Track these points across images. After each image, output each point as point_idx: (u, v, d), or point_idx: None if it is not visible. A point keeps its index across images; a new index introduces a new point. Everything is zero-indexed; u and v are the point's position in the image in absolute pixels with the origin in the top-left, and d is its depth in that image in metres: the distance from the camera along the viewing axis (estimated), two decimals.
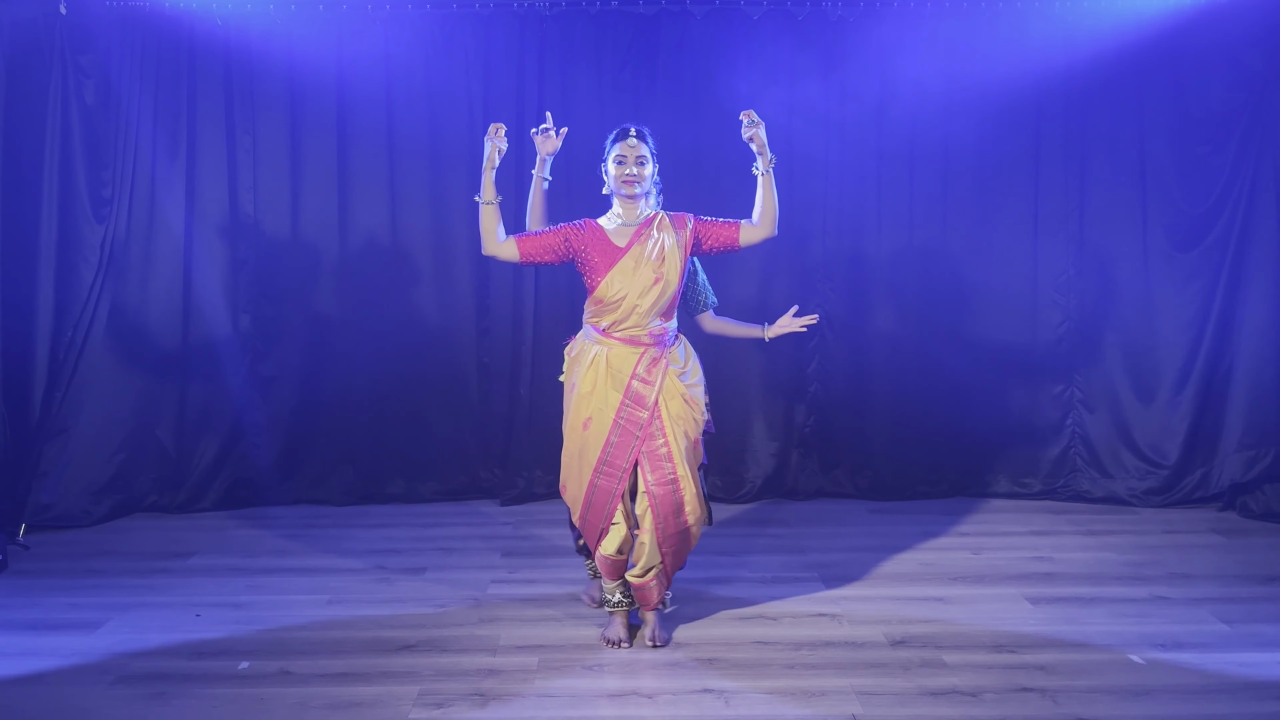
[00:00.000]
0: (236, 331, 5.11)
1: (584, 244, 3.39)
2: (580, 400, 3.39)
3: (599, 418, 3.36)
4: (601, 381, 3.36)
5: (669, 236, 3.40)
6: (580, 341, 3.48)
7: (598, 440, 3.35)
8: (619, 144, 3.39)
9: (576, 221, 3.44)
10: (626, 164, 3.37)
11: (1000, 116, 5.14)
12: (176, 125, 5.01)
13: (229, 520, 4.94)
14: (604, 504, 3.36)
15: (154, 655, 3.35)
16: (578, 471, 3.41)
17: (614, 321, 3.38)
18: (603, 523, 3.38)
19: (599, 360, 3.38)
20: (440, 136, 5.16)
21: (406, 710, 2.96)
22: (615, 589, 3.46)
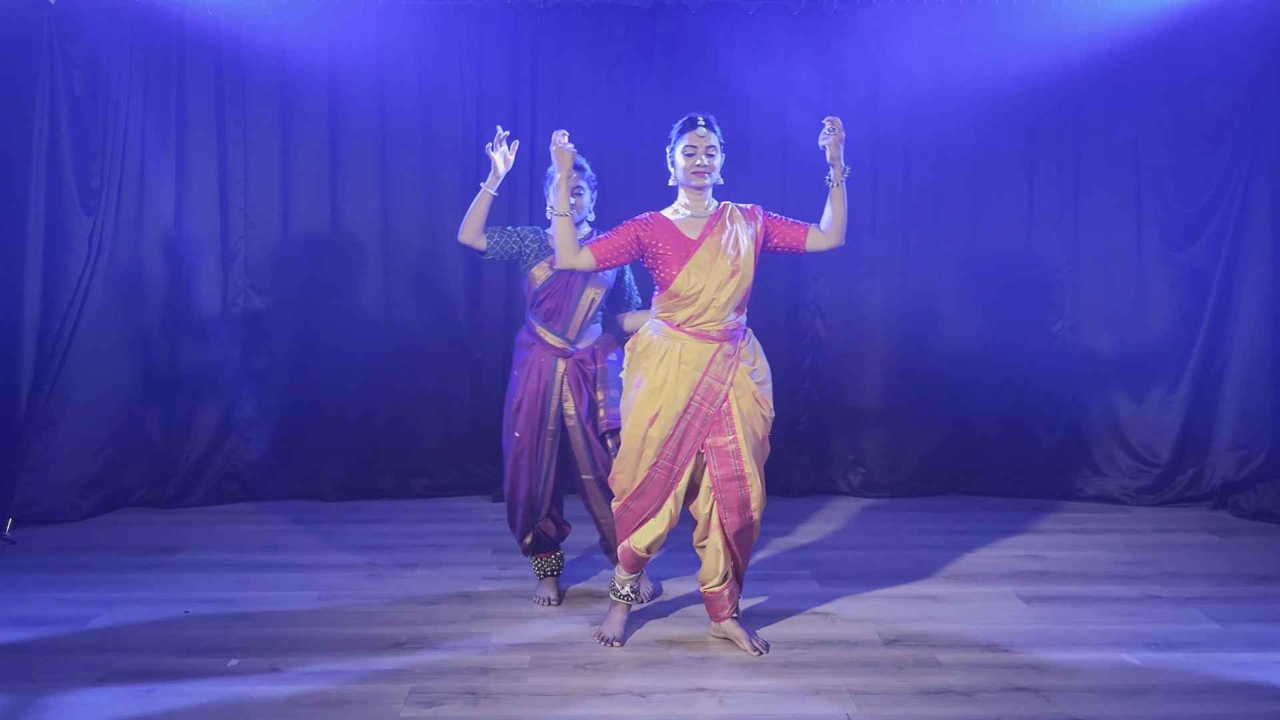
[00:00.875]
0: (226, 325, 5.07)
1: (654, 238, 3.29)
2: (648, 395, 3.27)
3: (666, 412, 3.25)
4: (673, 377, 3.25)
5: (742, 228, 3.32)
6: (648, 337, 3.35)
7: (662, 434, 3.25)
8: (688, 134, 3.29)
9: (640, 217, 3.34)
10: (696, 154, 3.28)
11: (995, 113, 5.13)
12: (166, 116, 4.96)
13: (218, 515, 4.90)
14: (655, 494, 3.28)
15: (141, 652, 3.31)
16: (634, 465, 3.30)
17: (690, 316, 3.27)
18: (646, 514, 3.30)
19: (671, 356, 3.27)
20: (433, 130, 5.13)
21: (398, 709, 2.94)
22: (628, 581, 3.40)
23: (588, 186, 3.59)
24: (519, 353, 3.69)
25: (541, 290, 3.61)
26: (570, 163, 3.30)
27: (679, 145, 3.31)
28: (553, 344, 3.62)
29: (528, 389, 3.61)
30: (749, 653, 3.31)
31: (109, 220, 4.88)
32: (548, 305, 3.61)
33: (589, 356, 3.65)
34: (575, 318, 3.61)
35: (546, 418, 3.61)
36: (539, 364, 3.62)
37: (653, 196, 5.15)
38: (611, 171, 5.19)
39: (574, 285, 3.59)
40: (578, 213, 3.52)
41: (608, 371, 3.65)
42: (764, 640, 3.36)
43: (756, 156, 5.15)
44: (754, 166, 5.16)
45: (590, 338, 3.67)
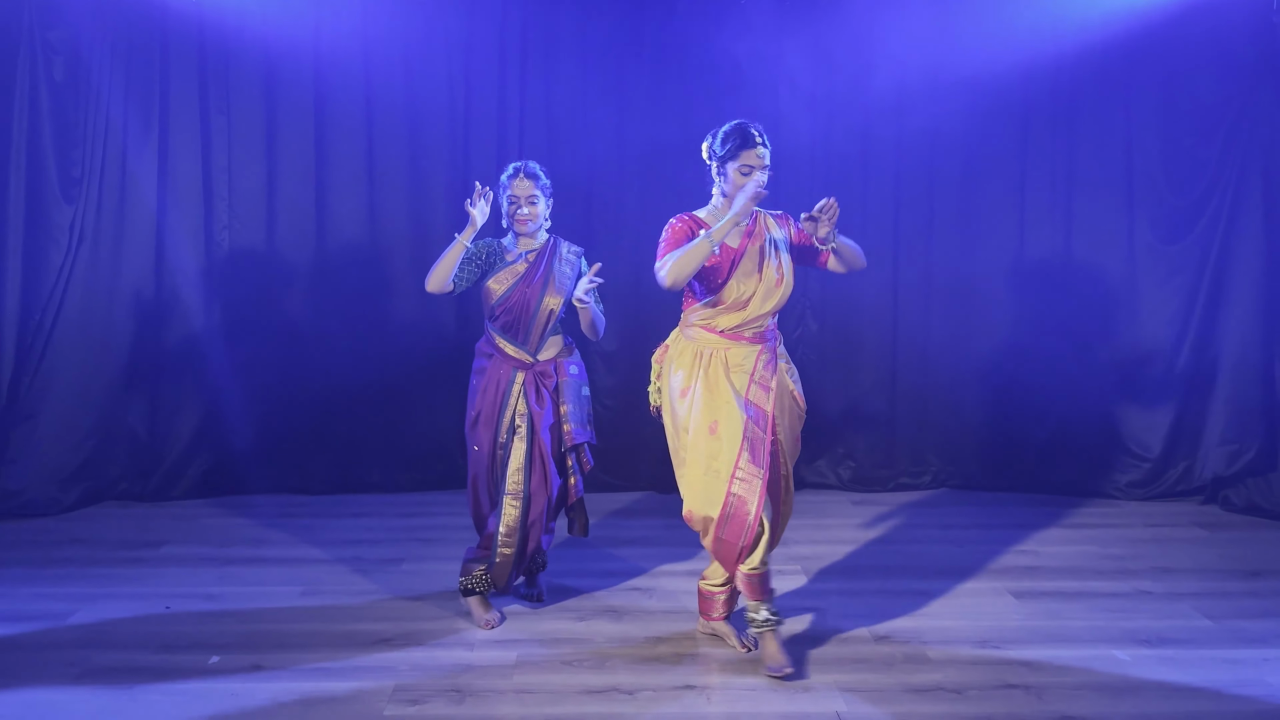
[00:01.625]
0: (211, 315, 5.01)
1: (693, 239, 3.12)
2: (704, 404, 3.12)
3: (728, 420, 3.09)
4: (723, 381, 3.12)
5: (778, 236, 3.23)
6: (683, 345, 3.23)
7: (731, 444, 3.07)
8: (747, 152, 3.09)
9: (680, 222, 3.18)
10: (754, 173, 3.11)
11: (987, 103, 5.10)
12: (149, 104, 4.89)
13: (202, 509, 4.85)
14: (742, 519, 3.05)
15: (122, 648, 3.26)
16: (705, 486, 3.09)
17: (737, 324, 3.16)
18: (742, 539, 3.06)
19: (716, 360, 3.15)
20: (420, 119, 5.07)
21: (381, 707, 2.90)
22: (761, 607, 3.14)
23: (543, 195, 3.49)
24: (478, 361, 3.57)
25: (499, 305, 3.48)
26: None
27: (735, 161, 3.11)
28: (513, 355, 3.50)
29: (485, 400, 3.49)
30: (738, 649, 3.27)
31: (90, 209, 4.82)
32: (505, 319, 3.49)
33: (550, 369, 3.52)
34: (535, 329, 3.49)
35: (500, 429, 3.47)
36: (498, 376, 3.49)
37: (643, 185, 5.14)
38: (601, 159, 5.15)
39: (531, 297, 3.46)
40: (533, 223, 3.46)
41: (569, 385, 3.54)
42: (753, 637, 3.33)
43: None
44: None
45: (551, 349, 3.54)
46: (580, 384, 3.59)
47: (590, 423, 3.60)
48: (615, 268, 5.17)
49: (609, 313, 5.14)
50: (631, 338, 5.20)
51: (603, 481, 5.21)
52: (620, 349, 5.22)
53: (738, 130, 3.13)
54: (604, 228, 5.18)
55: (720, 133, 3.17)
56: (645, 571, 4.03)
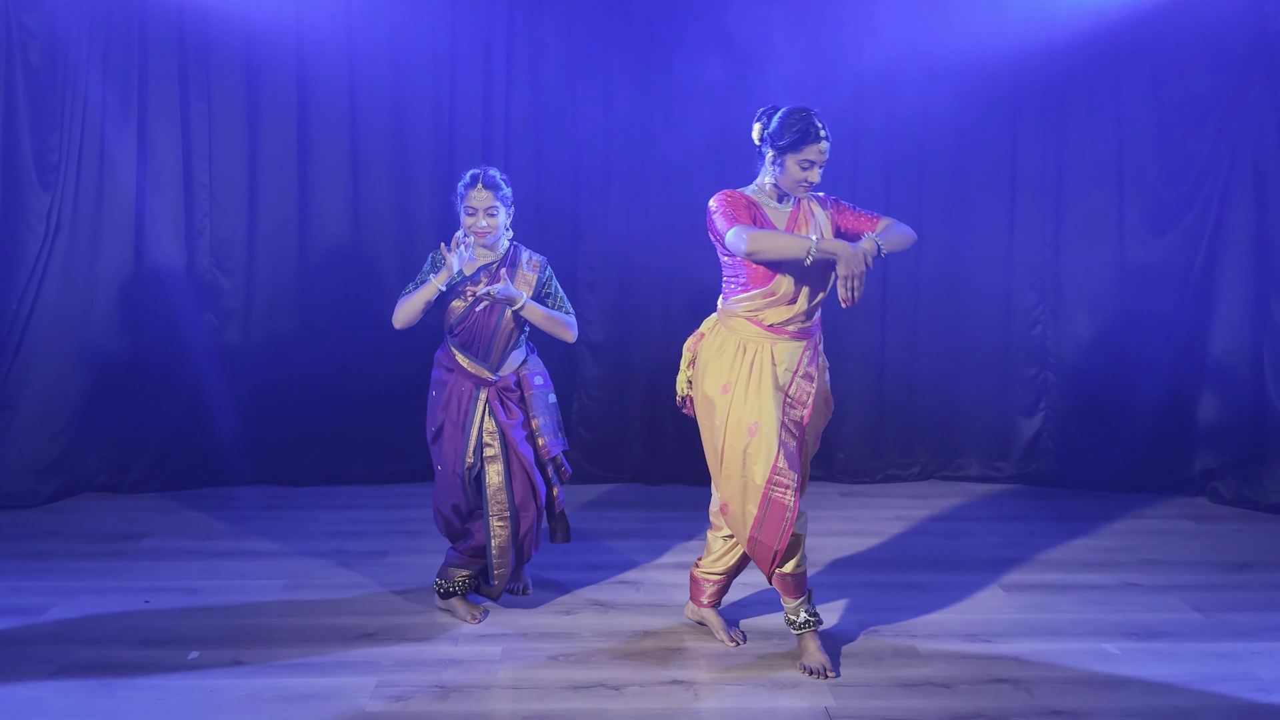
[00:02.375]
0: (192, 305, 4.94)
1: (749, 214, 2.99)
2: (745, 402, 2.98)
3: (766, 422, 2.97)
4: (768, 380, 2.99)
5: (822, 220, 3.08)
6: (724, 336, 3.07)
7: (769, 447, 2.96)
8: (810, 146, 2.94)
9: (730, 198, 3.01)
10: (812, 169, 2.98)
11: (978, 92, 5.07)
12: (128, 90, 4.81)
13: (183, 501, 4.78)
14: (779, 520, 2.96)
15: (99, 643, 3.20)
16: (741, 488, 3.00)
17: (786, 319, 3.01)
18: (777, 543, 2.97)
19: (762, 357, 3.01)
20: (405, 108, 5.00)
21: (364, 703, 2.85)
22: (800, 607, 3.08)
23: (503, 206, 3.34)
24: (437, 372, 3.42)
25: (457, 324, 3.35)
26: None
27: (796, 155, 2.95)
28: (473, 372, 3.36)
29: (448, 416, 3.35)
30: (725, 643, 3.24)
31: (68, 196, 4.73)
32: (464, 336, 3.36)
33: (511, 383, 3.39)
34: (495, 347, 3.35)
35: (466, 450, 3.33)
36: (459, 392, 3.35)
37: (631, 175, 5.09)
38: (587, 150, 5.10)
39: (492, 315, 3.32)
40: (492, 234, 3.32)
41: (536, 398, 3.41)
42: (742, 631, 3.29)
43: (738, 133, 5.05)
44: (734, 144, 5.06)
45: (514, 363, 3.40)
46: (547, 393, 3.47)
47: (562, 430, 3.50)
48: (603, 259, 5.14)
49: (598, 304, 5.14)
50: (617, 330, 5.16)
51: (589, 473, 5.17)
52: (607, 341, 5.17)
53: (802, 120, 2.94)
54: (590, 219, 5.12)
55: (780, 118, 2.98)
56: (632, 564, 3.99)
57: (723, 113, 5.01)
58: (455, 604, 3.44)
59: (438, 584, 3.47)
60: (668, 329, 5.15)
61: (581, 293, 5.15)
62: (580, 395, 5.20)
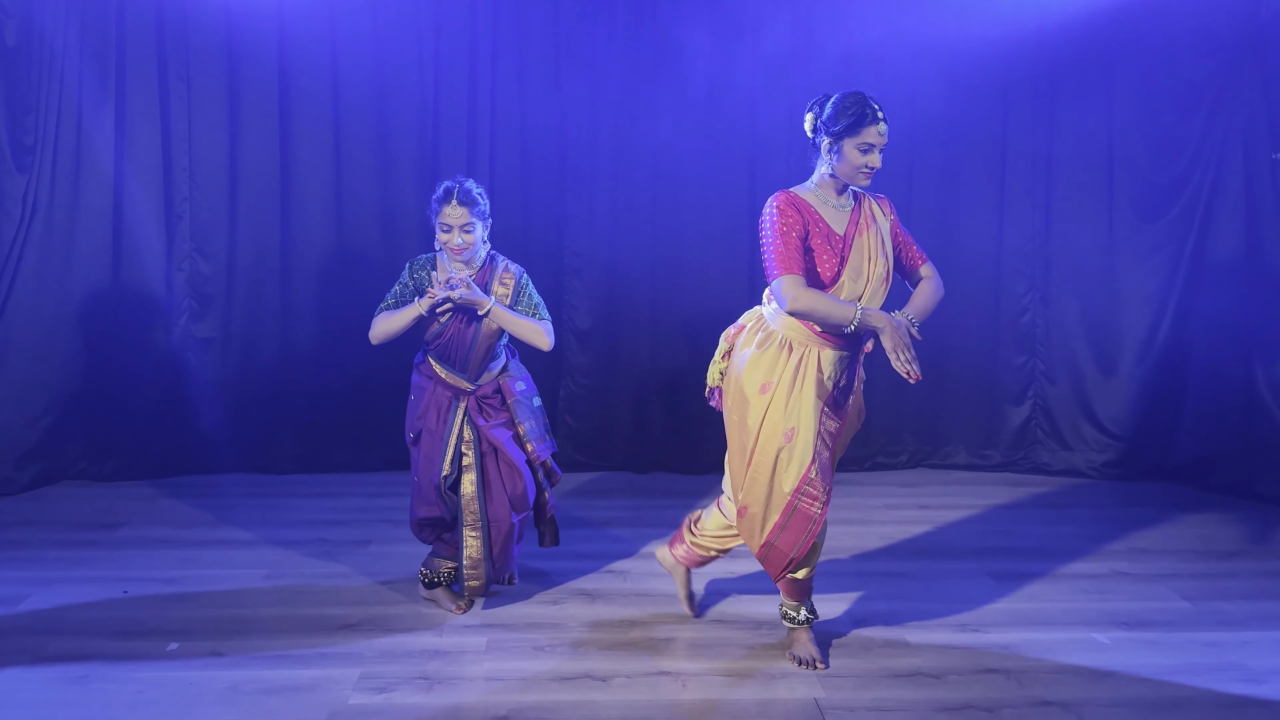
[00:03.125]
0: (172, 290, 4.87)
1: (804, 226, 2.82)
2: (784, 407, 2.86)
3: (805, 429, 2.85)
4: (810, 386, 2.86)
5: (882, 225, 2.96)
6: (766, 332, 2.94)
7: (803, 455, 2.84)
8: (869, 128, 2.80)
9: (781, 209, 2.81)
10: (872, 152, 2.82)
11: (968, 77, 5.04)
12: (105, 70, 4.72)
13: (163, 489, 4.72)
14: (802, 530, 2.87)
15: (76, 634, 3.14)
16: (766, 494, 2.89)
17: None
18: (795, 551, 2.90)
19: (808, 361, 2.88)
20: (388, 88, 4.93)
21: (346, 695, 2.80)
22: (799, 606, 3.05)
23: (479, 221, 3.22)
24: (416, 377, 3.35)
25: (432, 339, 3.27)
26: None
27: (854, 137, 2.80)
28: (451, 383, 3.29)
29: (426, 424, 3.29)
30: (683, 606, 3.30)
31: (44, 179, 4.65)
32: (440, 350, 3.28)
33: (490, 391, 3.32)
34: (473, 360, 3.27)
35: (443, 462, 3.25)
36: (438, 402, 3.28)
37: (618, 160, 5.03)
38: (574, 139, 5.04)
39: (468, 329, 3.24)
40: (468, 251, 3.21)
41: (521, 405, 3.35)
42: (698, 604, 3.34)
43: (725, 115, 5.01)
44: (722, 128, 5.02)
45: (493, 372, 3.33)
46: (531, 397, 3.40)
47: (550, 434, 3.45)
48: (590, 245, 5.08)
49: (584, 290, 5.08)
50: (604, 316, 5.12)
51: (576, 461, 5.12)
52: (594, 327, 5.12)
53: (857, 103, 2.80)
54: (577, 204, 5.07)
55: (834, 104, 2.84)
56: (620, 554, 3.95)
57: (711, 96, 4.96)
58: (439, 594, 3.39)
59: (422, 574, 3.42)
60: (655, 315, 5.11)
61: (568, 279, 5.10)
62: (567, 382, 5.15)
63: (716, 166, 5.05)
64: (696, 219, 5.06)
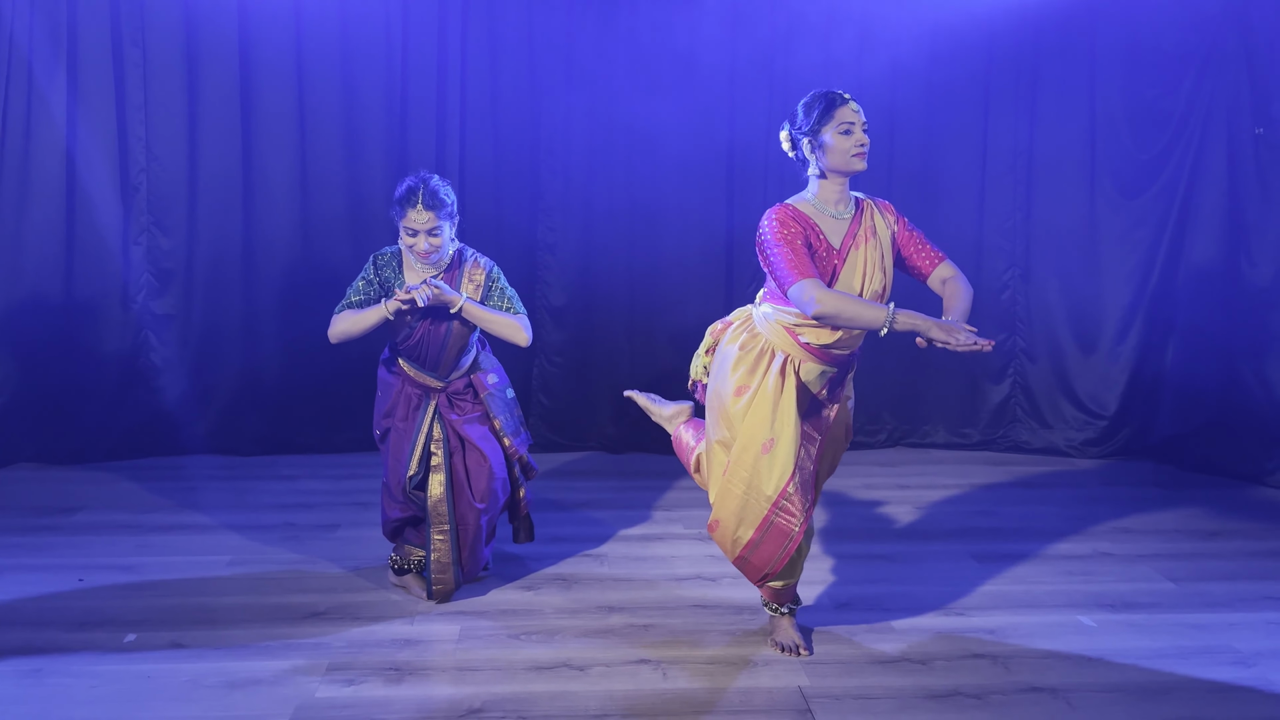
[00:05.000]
0: (129, 265, 4.71)
1: (805, 236, 2.69)
2: (766, 416, 2.74)
3: (784, 441, 2.73)
4: (790, 396, 2.74)
5: (883, 235, 2.81)
6: (751, 333, 2.83)
7: (782, 468, 2.73)
8: (840, 109, 2.68)
9: (777, 216, 2.69)
10: (854, 130, 2.69)
11: (950, 55, 4.96)
12: (57, 35, 4.52)
13: (122, 472, 4.56)
14: (778, 545, 2.77)
15: (28, 625, 3.00)
16: (740, 507, 2.78)
17: (828, 343, 2.75)
18: (770, 566, 2.80)
19: (789, 369, 2.76)
20: (355, 56, 4.77)
21: (313, 688, 2.69)
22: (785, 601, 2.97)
23: (447, 223, 3.06)
24: (383, 373, 3.24)
25: (402, 340, 3.15)
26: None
27: (829, 125, 2.68)
28: (421, 381, 3.19)
29: (393, 423, 3.19)
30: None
31: None
32: (409, 351, 3.16)
33: (462, 387, 3.21)
34: (445, 359, 3.16)
35: (408, 461, 3.15)
36: (407, 399, 3.18)
37: (591, 138, 4.89)
38: (548, 124, 4.91)
39: (439, 329, 3.12)
40: (435, 254, 3.06)
41: (494, 399, 3.24)
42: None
43: (703, 94, 4.89)
44: (700, 107, 4.90)
45: (463, 367, 3.22)
46: (504, 389, 3.28)
47: (524, 426, 3.35)
48: (564, 218, 4.95)
49: (558, 266, 4.95)
50: (580, 293, 5.01)
51: (550, 441, 5.02)
52: (569, 304, 5.00)
53: (821, 94, 2.72)
54: (552, 181, 4.94)
55: (800, 106, 2.75)
56: (597, 536, 3.85)
57: (689, 75, 4.85)
58: (409, 581, 3.28)
59: (392, 560, 3.31)
60: (631, 290, 5.01)
61: (541, 255, 4.97)
62: (540, 361, 5.03)
63: (694, 143, 4.94)
64: (674, 194, 4.95)
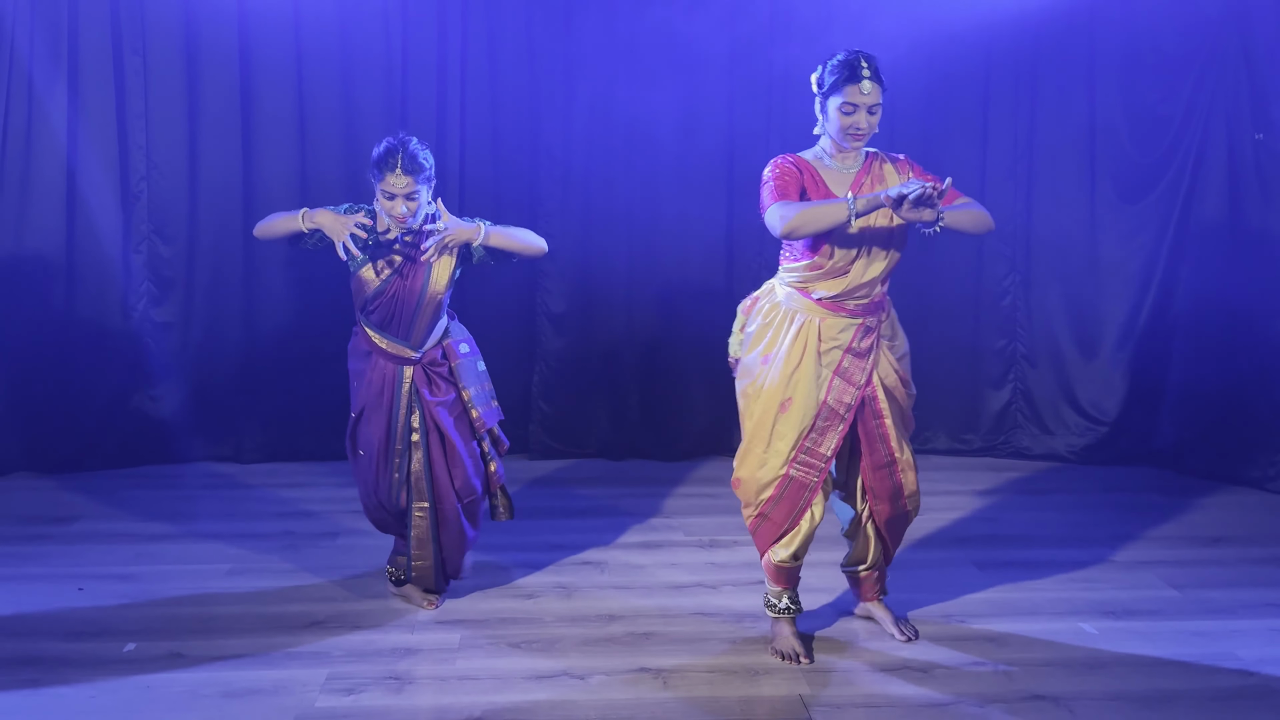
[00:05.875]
0: (129, 273, 4.69)
1: (801, 183, 2.78)
2: (782, 378, 2.81)
3: (802, 399, 2.81)
4: (811, 357, 2.80)
5: (892, 179, 2.85)
6: (775, 305, 2.89)
7: (798, 424, 2.81)
8: (849, 87, 2.71)
9: (778, 161, 2.79)
10: (856, 114, 2.73)
11: (948, 61, 4.92)
12: (58, 43, 4.50)
13: (120, 480, 4.54)
14: (795, 500, 2.86)
15: (27, 635, 3.00)
16: (760, 461, 2.86)
17: (836, 293, 2.81)
18: (787, 524, 2.88)
19: (808, 331, 2.82)
20: (355, 61, 4.75)
21: (313, 697, 2.68)
22: (783, 594, 2.98)
23: (424, 187, 3.00)
24: (354, 362, 3.18)
25: (374, 298, 3.07)
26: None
27: (835, 98, 2.75)
28: (394, 352, 3.11)
29: (369, 400, 3.12)
30: (896, 637, 3.05)
31: None
32: (382, 313, 3.08)
33: (438, 356, 3.15)
34: (419, 323, 3.09)
35: (394, 435, 3.11)
36: (382, 375, 3.11)
37: (592, 138, 4.89)
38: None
39: (413, 288, 3.06)
40: (412, 217, 3.01)
41: (464, 367, 3.17)
42: (912, 626, 3.10)
43: (703, 96, 4.90)
44: (699, 109, 4.90)
45: (436, 336, 3.16)
46: (475, 360, 3.23)
47: (494, 399, 3.27)
48: (563, 225, 4.94)
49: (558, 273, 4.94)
50: (579, 300, 4.99)
51: (550, 448, 5.01)
52: (568, 311, 4.99)
53: (845, 61, 2.74)
54: (552, 187, 4.92)
55: (825, 65, 2.78)
56: (597, 544, 3.84)
57: (689, 76, 4.84)
58: (408, 590, 3.27)
59: (389, 571, 3.30)
60: (631, 299, 5.00)
61: (541, 263, 4.95)
62: (541, 367, 5.02)
63: (694, 147, 4.93)
64: (674, 200, 4.94)
